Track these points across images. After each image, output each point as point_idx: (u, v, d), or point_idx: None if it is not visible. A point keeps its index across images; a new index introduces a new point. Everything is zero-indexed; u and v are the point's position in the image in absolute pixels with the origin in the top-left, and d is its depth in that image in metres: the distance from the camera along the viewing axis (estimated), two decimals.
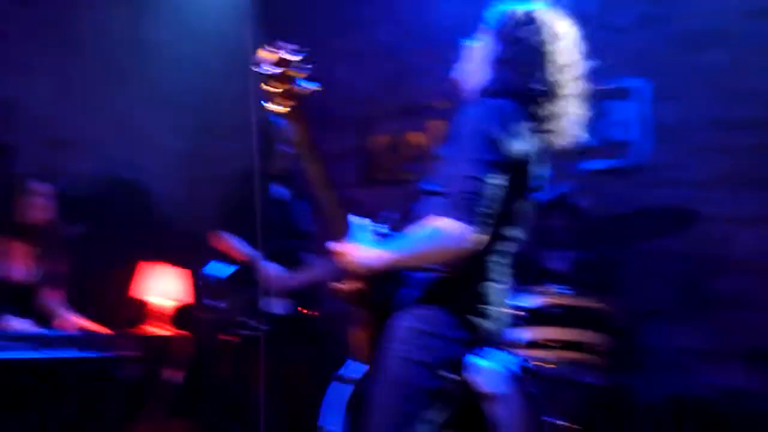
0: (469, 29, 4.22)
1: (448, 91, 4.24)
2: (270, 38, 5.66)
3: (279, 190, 3.25)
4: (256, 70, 1.45)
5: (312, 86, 1.43)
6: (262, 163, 3.15)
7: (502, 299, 1.62)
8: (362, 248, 1.53)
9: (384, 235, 1.62)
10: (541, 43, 1.60)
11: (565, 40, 1.64)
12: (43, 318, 3.05)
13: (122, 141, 4.61)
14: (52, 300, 3.14)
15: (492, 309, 1.57)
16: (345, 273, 1.57)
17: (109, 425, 2.82)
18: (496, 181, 1.46)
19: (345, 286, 1.59)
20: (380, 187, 4.43)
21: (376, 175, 4.46)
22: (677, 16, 3.68)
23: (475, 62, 1.74)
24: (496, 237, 1.53)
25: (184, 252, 4.45)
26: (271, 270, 3.00)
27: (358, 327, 1.64)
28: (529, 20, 1.64)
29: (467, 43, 1.78)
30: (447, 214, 1.41)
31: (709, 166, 3.43)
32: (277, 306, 3.01)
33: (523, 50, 1.61)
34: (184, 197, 5.11)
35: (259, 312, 2.97)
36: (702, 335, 3.28)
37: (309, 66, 1.42)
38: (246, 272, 3.03)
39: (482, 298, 1.55)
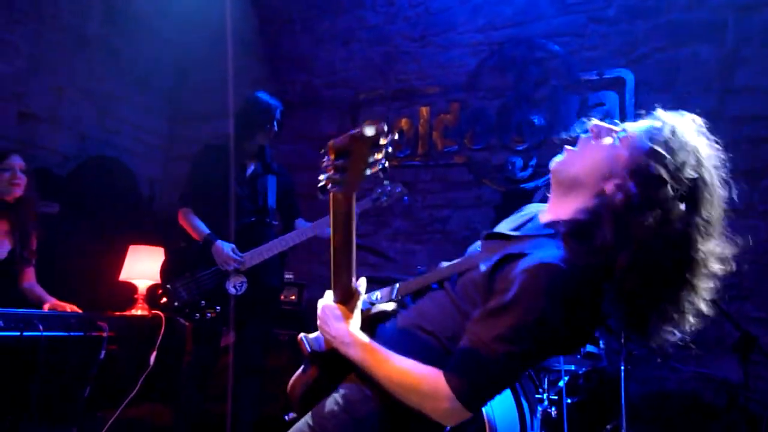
0: (458, 17, 4.24)
1: (436, 77, 4.26)
2: (255, 20, 5.54)
3: (249, 167, 3.18)
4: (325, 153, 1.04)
5: (384, 164, 1.04)
6: (236, 141, 3.08)
7: None
8: (344, 327, 1.29)
9: (383, 315, 1.38)
10: (694, 233, 1.13)
11: (718, 223, 1.17)
12: (18, 296, 2.94)
13: (98, 118, 4.49)
14: (27, 278, 3.04)
15: None
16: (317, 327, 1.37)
17: (83, 405, 2.72)
18: (522, 370, 1.25)
19: (308, 343, 1.41)
20: None
21: None
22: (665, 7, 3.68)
23: (587, 170, 1.25)
24: None
25: (159, 231, 4.36)
26: (226, 249, 2.92)
27: (302, 374, 1.47)
28: (693, 188, 1.14)
29: (591, 128, 1.30)
30: (451, 382, 1.16)
31: None
32: (235, 286, 2.92)
33: (663, 230, 1.12)
34: (161, 177, 5.00)
35: (214, 293, 2.90)
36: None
37: (390, 144, 1.04)
38: (202, 252, 2.94)
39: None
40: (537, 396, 2.70)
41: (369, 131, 1.00)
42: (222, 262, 2.91)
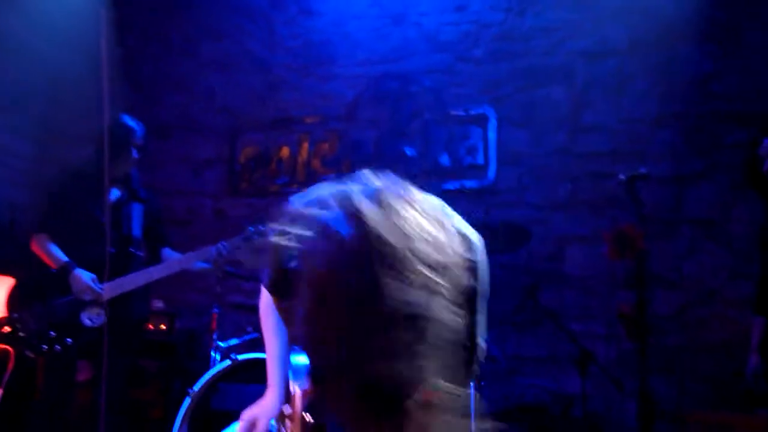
0: (338, 50, 4.39)
1: (316, 107, 4.36)
2: (133, 41, 5.37)
3: (114, 194, 3.09)
4: None
5: None
6: (97, 165, 2.97)
7: None
8: None
9: None
10: None
11: None
12: None
13: None
14: None
15: None
16: None
17: None
18: None
19: None
20: (245, 198, 4.38)
21: (241, 186, 4.40)
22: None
23: None
24: None
25: (21, 259, 4.10)
26: (85, 278, 2.81)
27: None
28: None
29: None
30: None
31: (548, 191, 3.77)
32: (91, 317, 2.81)
33: None
34: (25, 201, 4.71)
35: (68, 324, 2.77)
36: (538, 343, 3.59)
37: None
38: (57, 280, 2.82)
39: None
40: None
41: None
42: (79, 292, 2.78)
